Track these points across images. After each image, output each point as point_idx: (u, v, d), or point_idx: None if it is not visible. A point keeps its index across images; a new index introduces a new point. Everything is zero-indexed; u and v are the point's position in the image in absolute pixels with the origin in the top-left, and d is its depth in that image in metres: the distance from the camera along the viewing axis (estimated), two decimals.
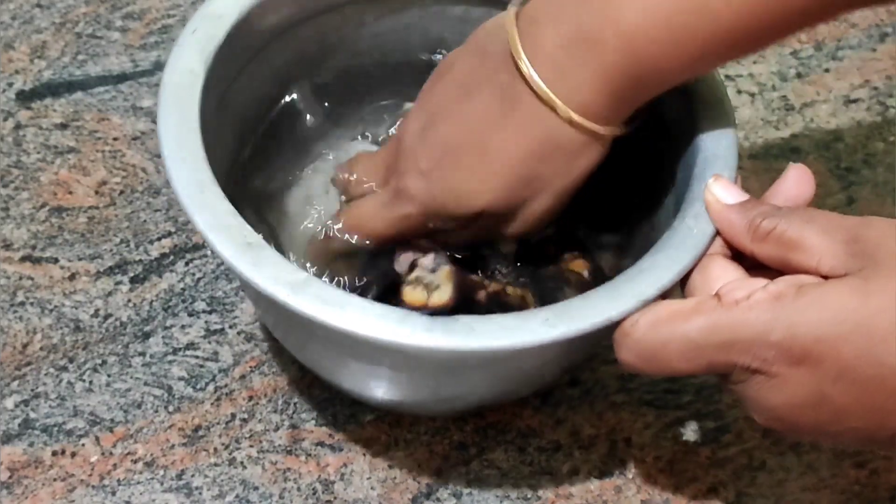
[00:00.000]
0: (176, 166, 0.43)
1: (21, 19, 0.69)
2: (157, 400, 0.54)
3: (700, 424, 0.54)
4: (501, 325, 0.40)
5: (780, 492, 0.52)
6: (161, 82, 0.46)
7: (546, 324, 0.40)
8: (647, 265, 0.42)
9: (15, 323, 0.56)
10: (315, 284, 0.40)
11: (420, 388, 0.48)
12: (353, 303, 0.40)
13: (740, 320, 0.38)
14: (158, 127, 0.44)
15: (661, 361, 0.40)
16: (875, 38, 0.71)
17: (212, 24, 0.47)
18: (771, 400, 0.38)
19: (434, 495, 0.52)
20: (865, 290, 0.36)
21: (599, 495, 0.52)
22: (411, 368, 0.46)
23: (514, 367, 0.46)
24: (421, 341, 0.39)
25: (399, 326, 0.39)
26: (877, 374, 0.36)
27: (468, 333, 0.40)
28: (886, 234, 0.38)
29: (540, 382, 0.52)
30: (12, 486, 0.51)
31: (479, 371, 0.46)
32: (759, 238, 0.41)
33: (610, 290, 0.42)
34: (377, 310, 0.40)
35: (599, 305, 0.41)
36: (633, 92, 0.42)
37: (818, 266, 0.38)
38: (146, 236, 0.60)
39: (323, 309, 0.40)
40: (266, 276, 0.40)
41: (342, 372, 0.49)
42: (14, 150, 0.63)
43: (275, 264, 0.41)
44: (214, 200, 0.43)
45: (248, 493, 0.51)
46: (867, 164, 0.64)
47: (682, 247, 0.42)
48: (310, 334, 0.46)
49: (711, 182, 0.44)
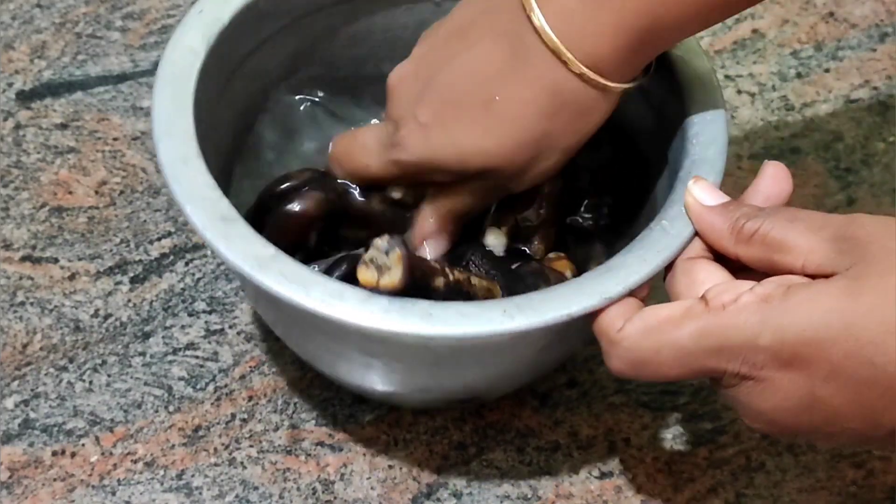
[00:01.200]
0: (163, 138, 0.44)
1: (21, 19, 0.69)
2: (157, 400, 0.54)
3: (697, 425, 0.54)
4: (460, 312, 0.40)
5: (777, 493, 0.52)
6: (161, 57, 0.46)
7: (505, 315, 0.40)
8: (616, 264, 0.42)
9: (15, 323, 0.56)
10: (282, 261, 0.41)
11: (392, 374, 0.48)
12: (316, 281, 0.40)
13: (729, 325, 0.37)
14: (153, 99, 0.45)
15: (653, 368, 0.39)
16: (875, 38, 0.71)
17: (218, 6, 0.48)
18: (762, 405, 0.38)
19: (434, 495, 0.52)
20: (855, 290, 0.36)
21: (599, 495, 0.52)
22: (377, 352, 0.46)
23: (484, 360, 0.46)
24: (376, 323, 0.40)
25: (357, 307, 0.40)
26: (868, 374, 0.36)
27: (425, 318, 0.40)
28: (875, 230, 0.37)
29: (520, 378, 0.51)
30: (12, 486, 0.51)
31: (450, 361, 0.46)
32: (742, 240, 0.40)
33: (574, 286, 0.42)
34: (339, 289, 0.40)
35: (561, 300, 0.41)
36: (647, 45, 0.41)
37: (804, 266, 0.38)
38: (146, 236, 0.60)
39: (286, 286, 0.40)
40: (235, 249, 0.41)
41: (313, 350, 0.49)
42: (14, 150, 0.63)
43: (245, 239, 0.41)
44: (196, 173, 0.43)
45: (248, 493, 0.51)
46: (867, 165, 0.64)
47: (654, 248, 0.42)
48: (279, 310, 0.46)
49: (692, 184, 0.43)
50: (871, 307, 0.35)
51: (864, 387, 0.36)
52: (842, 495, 0.52)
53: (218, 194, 0.43)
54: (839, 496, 0.52)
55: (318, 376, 0.55)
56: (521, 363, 0.48)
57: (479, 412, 0.54)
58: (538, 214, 0.50)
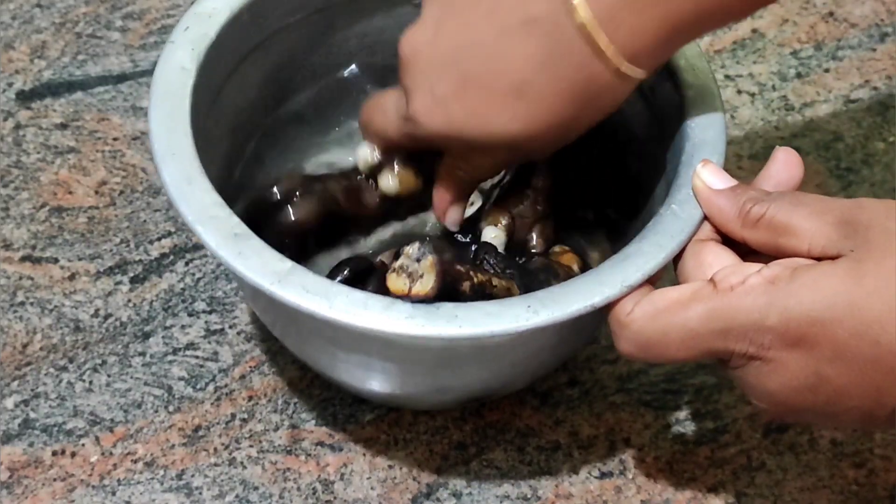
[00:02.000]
0: (165, 160, 0.44)
1: (21, 19, 0.69)
2: (157, 400, 0.54)
3: (699, 425, 0.54)
4: (485, 312, 0.40)
5: (778, 492, 0.52)
6: (153, 78, 0.46)
7: (529, 310, 0.40)
8: (632, 251, 0.42)
9: (15, 323, 0.56)
10: (300, 274, 0.41)
11: (413, 378, 0.49)
12: (337, 292, 0.40)
13: (736, 306, 0.38)
14: (149, 121, 0.45)
15: (661, 350, 0.40)
16: (875, 38, 0.71)
17: (203, 23, 0.48)
18: (769, 384, 0.38)
19: (434, 495, 0.52)
20: (858, 271, 0.36)
21: (599, 495, 0.52)
22: (401, 358, 0.46)
23: (505, 356, 0.46)
24: (404, 329, 0.40)
25: (382, 314, 0.40)
26: (872, 353, 0.36)
27: (451, 320, 0.40)
28: (878, 214, 0.38)
29: (535, 373, 0.52)
30: (12, 486, 0.51)
31: (471, 360, 0.46)
32: (749, 224, 0.41)
33: (594, 276, 0.42)
34: (361, 298, 0.40)
35: (583, 292, 0.41)
36: (684, 35, 0.41)
37: (809, 249, 0.38)
38: (146, 236, 0.60)
39: (309, 299, 0.40)
40: (253, 266, 0.41)
41: (332, 364, 0.49)
42: (14, 150, 0.63)
43: (260, 254, 0.41)
44: (202, 193, 0.43)
45: (248, 493, 0.51)
46: (867, 164, 0.64)
47: (667, 233, 0.43)
48: (296, 323, 0.46)
49: (700, 167, 0.44)
50: (874, 288, 0.36)
51: (868, 366, 0.36)
52: (843, 494, 0.52)
53: (227, 212, 0.43)
54: (840, 495, 0.52)
55: (317, 376, 0.55)
56: (545, 356, 0.49)
57: (479, 412, 0.54)
58: (534, 210, 0.50)
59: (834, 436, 0.54)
